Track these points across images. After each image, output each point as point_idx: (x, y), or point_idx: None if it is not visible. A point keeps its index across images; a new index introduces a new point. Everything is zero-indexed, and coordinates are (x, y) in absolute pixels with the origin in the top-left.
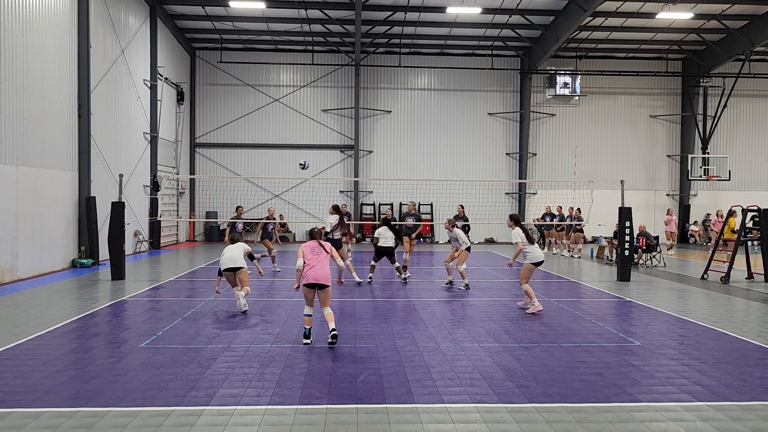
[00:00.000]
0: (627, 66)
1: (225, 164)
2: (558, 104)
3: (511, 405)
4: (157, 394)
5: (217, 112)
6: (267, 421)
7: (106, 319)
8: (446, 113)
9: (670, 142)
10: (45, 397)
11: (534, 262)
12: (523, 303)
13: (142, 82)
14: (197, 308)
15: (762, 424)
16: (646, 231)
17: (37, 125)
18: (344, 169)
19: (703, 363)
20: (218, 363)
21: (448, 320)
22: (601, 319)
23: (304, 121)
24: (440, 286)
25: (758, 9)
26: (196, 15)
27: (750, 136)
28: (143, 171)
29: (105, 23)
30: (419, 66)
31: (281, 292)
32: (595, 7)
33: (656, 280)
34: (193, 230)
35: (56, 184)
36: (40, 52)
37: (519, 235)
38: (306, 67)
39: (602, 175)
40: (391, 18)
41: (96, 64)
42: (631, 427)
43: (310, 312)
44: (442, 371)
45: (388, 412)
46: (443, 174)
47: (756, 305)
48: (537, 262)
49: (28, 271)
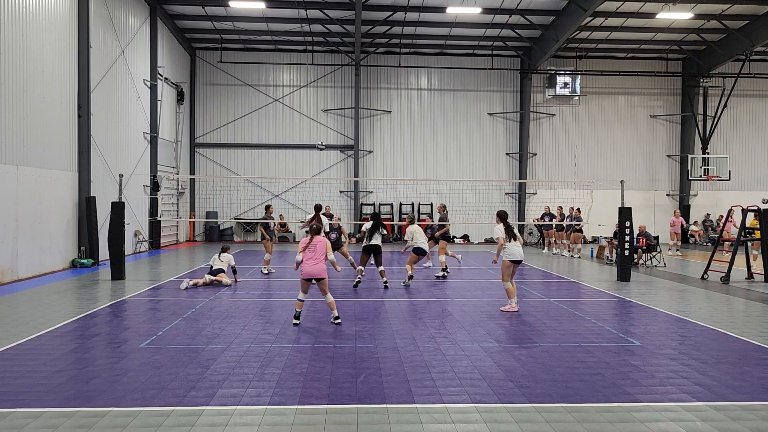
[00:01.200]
0: (627, 66)
1: (225, 164)
2: (558, 104)
3: (511, 405)
4: (157, 394)
5: (217, 112)
6: (267, 421)
7: (106, 319)
8: (446, 113)
9: (670, 142)
10: (45, 397)
11: (510, 259)
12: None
13: (142, 82)
14: (197, 308)
15: (762, 424)
16: (646, 231)
17: (37, 125)
18: (344, 169)
19: (703, 363)
20: (218, 363)
21: (448, 320)
22: (601, 319)
23: (304, 121)
24: (440, 287)
25: (758, 9)
26: (196, 15)
27: (750, 136)
28: (143, 171)
29: (105, 23)
30: (419, 66)
31: (281, 293)
32: (595, 7)
33: (656, 280)
34: (193, 230)
35: (56, 184)
36: (40, 52)
37: (500, 231)
38: (306, 67)
39: (602, 175)
40: (391, 18)
41: (96, 64)
42: (631, 427)
43: (303, 298)
44: (442, 371)
45: (388, 412)
46: (443, 174)
47: (756, 305)
48: (513, 260)
49: (28, 271)
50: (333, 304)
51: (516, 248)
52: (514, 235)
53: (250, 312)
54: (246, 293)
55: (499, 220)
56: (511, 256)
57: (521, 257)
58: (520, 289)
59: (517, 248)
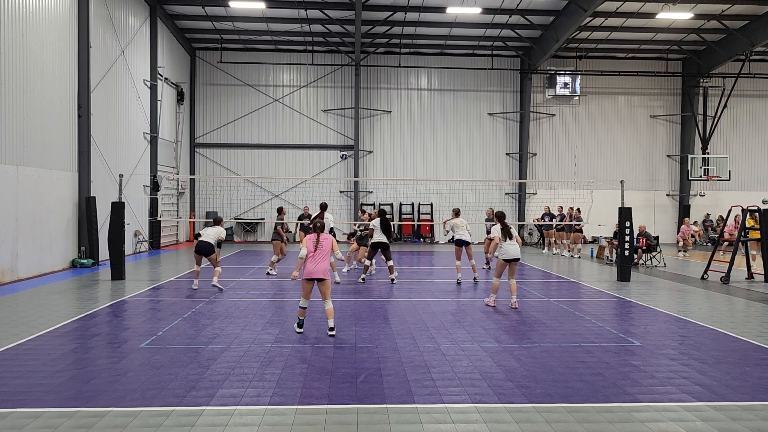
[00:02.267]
0: (627, 66)
1: (225, 164)
2: (558, 104)
3: (511, 405)
4: (157, 394)
5: (217, 112)
6: (267, 421)
7: (106, 319)
8: (446, 113)
9: (670, 142)
10: (45, 397)
11: (505, 258)
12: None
13: (142, 82)
14: (197, 308)
15: (762, 424)
16: (646, 231)
17: (37, 125)
18: (344, 169)
19: (703, 363)
20: (218, 363)
21: (448, 320)
22: (601, 319)
23: (304, 121)
24: (440, 287)
25: (758, 9)
26: (196, 15)
27: (750, 136)
28: (143, 171)
29: (105, 23)
30: (419, 66)
31: (281, 293)
32: (595, 7)
33: (656, 280)
34: (193, 230)
35: (56, 184)
36: (40, 52)
37: (496, 231)
38: (306, 67)
39: (602, 175)
40: (391, 18)
41: (96, 64)
42: (631, 427)
43: (305, 305)
44: (442, 371)
45: (388, 412)
46: (443, 174)
47: (756, 305)
48: (508, 258)
49: (28, 271)
50: (331, 313)
51: (511, 247)
52: (510, 235)
53: (250, 312)
54: (246, 293)
55: (497, 221)
56: (505, 255)
57: (517, 256)
58: (520, 289)
59: (513, 247)
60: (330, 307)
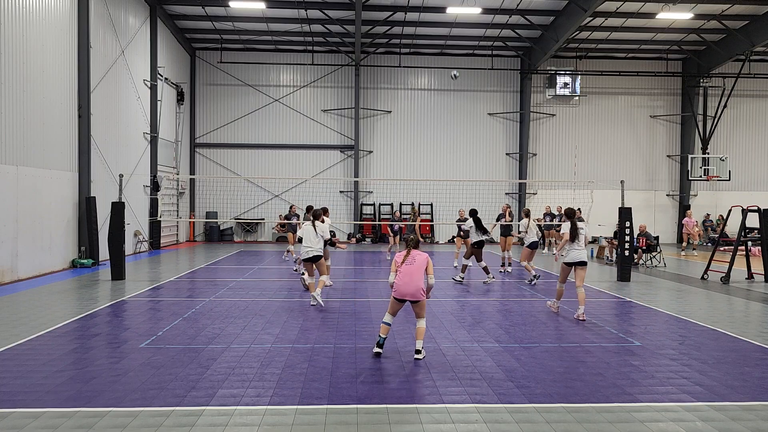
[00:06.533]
0: (627, 66)
1: (225, 164)
2: (558, 104)
3: (511, 405)
4: (157, 394)
5: (217, 112)
6: (267, 421)
7: (106, 319)
8: (446, 113)
9: (670, 142)
10: (45, 397)
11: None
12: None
13: (142, 82)
14: (197, 308)
15: (762, 424)
16: (647, 231)
17: (37, 125)
18: (344, 170)
19: (703, 363)
20: (218, 363)
21: (448, 320)
22: (601, 319)
23: (304, 122)
24: (440, 287)
25: (758, 9)
26: (196, 15)
27: (750, 136)
28: (143, 171)
29: (105, 23)
30: (419, 66)
31: (281, 293)
32: (595, 7)
33: (656, 280)
34: (193, 230)
35: (56, 184)
36: (40, 52)
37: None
38: (306, 67)
39: (602, 175)
40: (391, 18)
41: (96, 64)
42: (631, 427)
43: (389, 321)
44: (442, 371)
45: (388, 412)
46: (443, 174)
47: (756, 305)
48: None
49: (28, 271)
50: (422, 332)
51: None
52: (577, 236)
53: (250, 312)
54: (246, 293)
55: (567, 218)
56: (570, 259)
57: (582, 259)
58: (520, 289)
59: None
60: (422, 327)
